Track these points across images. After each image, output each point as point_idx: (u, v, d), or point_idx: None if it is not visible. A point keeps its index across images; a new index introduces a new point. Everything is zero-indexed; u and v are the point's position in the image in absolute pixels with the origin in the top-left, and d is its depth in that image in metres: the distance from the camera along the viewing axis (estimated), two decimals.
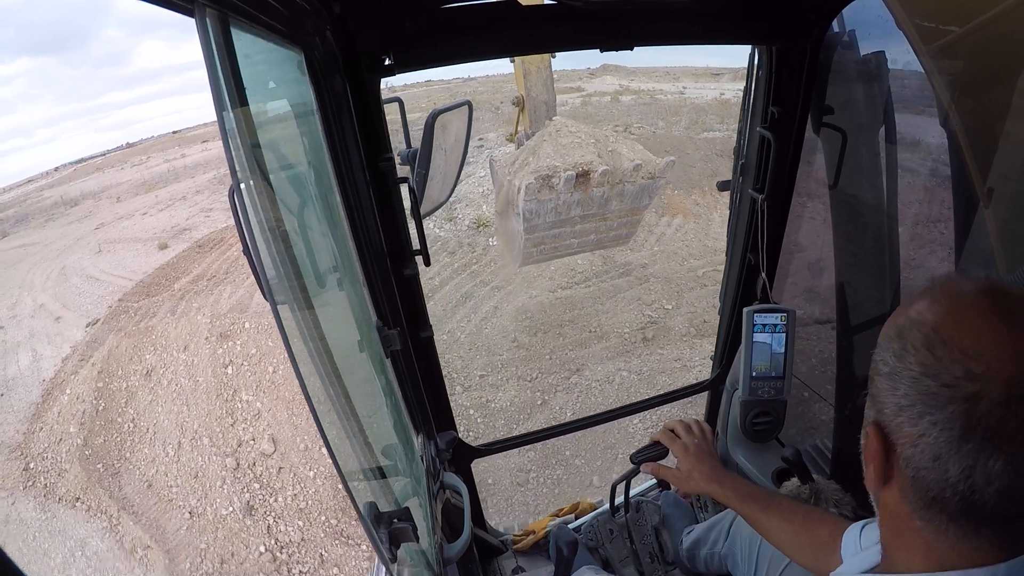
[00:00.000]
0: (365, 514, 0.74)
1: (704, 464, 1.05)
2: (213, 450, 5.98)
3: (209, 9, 0.50)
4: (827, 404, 1.62)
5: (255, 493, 5.47)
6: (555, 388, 6.43)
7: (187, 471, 5.92)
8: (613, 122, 16.99)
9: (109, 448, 6.47)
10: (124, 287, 12.00)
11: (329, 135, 0.92)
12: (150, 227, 16.96)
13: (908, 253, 1.32)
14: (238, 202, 0.52)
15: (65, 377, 8.36)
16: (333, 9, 0.89)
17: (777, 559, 1.15)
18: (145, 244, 15.13)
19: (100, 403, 6.87)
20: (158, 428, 6.48)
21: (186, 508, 5.60)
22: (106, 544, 5.44)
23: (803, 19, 1.18)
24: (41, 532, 5.79)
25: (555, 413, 6.05)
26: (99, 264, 14.14)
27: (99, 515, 5.75)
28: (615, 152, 6.46)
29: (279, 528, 5.11)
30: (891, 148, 1.26)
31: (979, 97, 1.03)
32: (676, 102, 19.97)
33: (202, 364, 6.80)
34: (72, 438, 6.63)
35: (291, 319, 0.60)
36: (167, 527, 5.47)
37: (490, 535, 1.80)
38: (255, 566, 4.89)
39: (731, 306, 1.67)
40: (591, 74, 33.75)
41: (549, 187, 5.93)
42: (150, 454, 6.28)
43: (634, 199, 6.45)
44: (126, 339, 7.69)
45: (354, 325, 0.96)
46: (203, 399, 6.49)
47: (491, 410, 6.18)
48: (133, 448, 6.43)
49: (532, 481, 5.09)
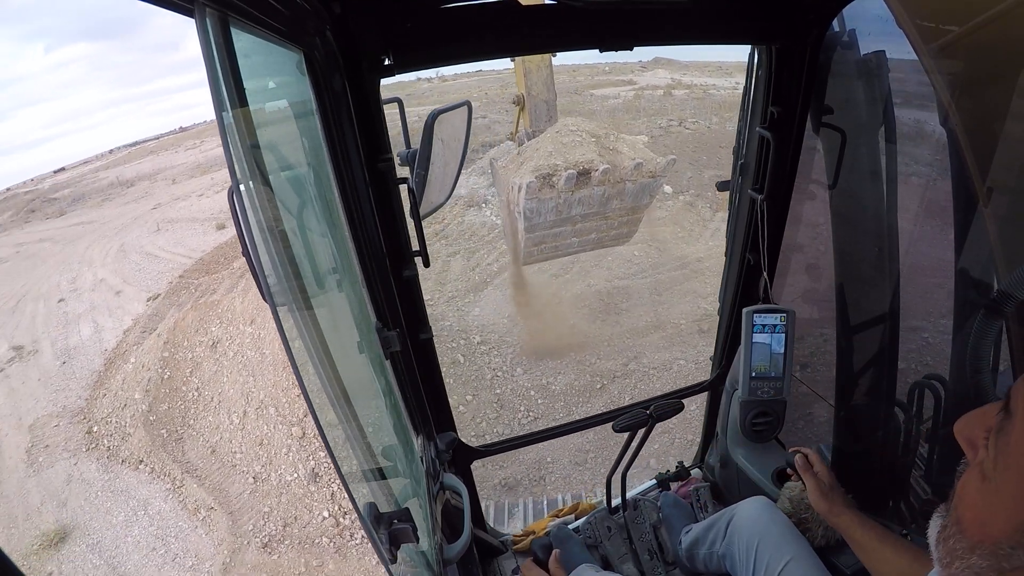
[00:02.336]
0: (365, 515, 0.73)
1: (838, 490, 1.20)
2: (279, 419, 6.10)
3: (209, 9, 0.49)
4: (827, 404, 1.62)
5: (320, 461, 5.58)
6: (613, 374, 6.56)
7: (252, 439, 6.05)
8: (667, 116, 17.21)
9: (173, 415, 6.69)
10: (183, 264, 12.56)
11: (329, 135, 0.92)
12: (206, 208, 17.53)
13: (908, 253, 1.32)
14: (237, 203, 0.52)
15: (128, 347, 8.68)
16: (333, 9, 0.89)
17: (776, 559, 1.15)
18: (202, 224, 15.71)
19: (165, 372, 7.11)
20: (223, 397, 6.65)
21: (250, 474, 5.74)
22: (169, 505, 5.65)
23: (803, 19, 1.18)
24: (104, 491, 6.00)
25: (613, 398, 6.17)
26: (157, 242, 14.77)
27: (162, 477, 5.97)
28: (615, 151, 6.46)
29: (343, 495, 5.20)
30: (891, 148, 1.26)
31: (979, 97, 1.03)
32: (729, 97, 19.75)
33: (269, 337, 6.98)
34: (137, 404, 6.88)
35: (291, 320, 0.60)
36: (230, 491, 5.64)
37: (490, 535, 1.80)
38: (318, 530, 5.02)
39: (731, 306, 1.67)
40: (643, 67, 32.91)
41: (550, 186, 5.93)
42: (214, 422, 6.46)
43: (635, 198, 6.45)
44: (192, 312, 7.94)
45: (354, 326, 0.95)
46: (269, 370, 6.65)
47: (551, 392, 6.31)
48: (197, 415, 6.63)
49: (591, 461, 5.24)
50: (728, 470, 1.72)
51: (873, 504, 1.36)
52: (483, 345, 7.24)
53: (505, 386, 6.53)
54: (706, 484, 1.79)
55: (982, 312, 0.99)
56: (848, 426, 1.54)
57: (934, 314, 1.39)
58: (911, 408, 1.34)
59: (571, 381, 6.42)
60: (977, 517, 0.48)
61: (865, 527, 1.08)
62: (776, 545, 1.18)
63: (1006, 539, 0.44)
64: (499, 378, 6.67)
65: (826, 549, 1.22)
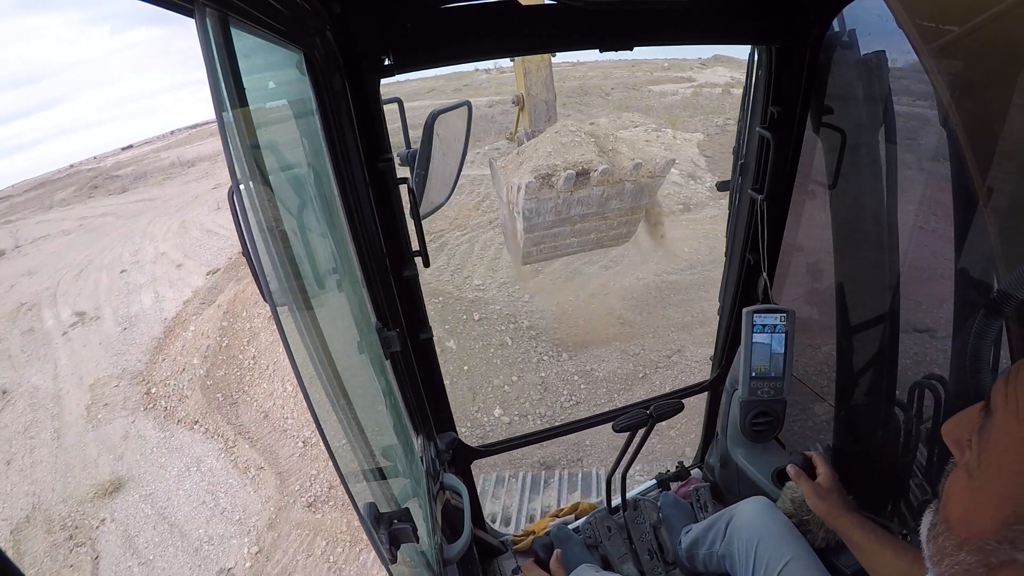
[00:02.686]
0: (365, 515, 0.73)
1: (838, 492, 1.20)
2: None
3: (209, 9, 0.49)
4: (827, 404, 1.62)
5: None
6: (656, 364, 6.64)
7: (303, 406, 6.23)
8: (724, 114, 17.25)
9: (229, 380, 6.96)
10: None
11: (329, 135, 0.92)
12: None
13: (908, 252, 1.32)
14: (237, 203, 0.52)
15: (187, 317, 9.04)
16: (333, 9, 0.89)
17: (775, 560, 1.15)
18: None
19: (223, 340, 7.38)
20: (278, 366, 6.87)
21: (300, 438, 5.94)
22: (221, 463, 5.90)
23: (803, 19, 1.18)
24: (159, 448, 6.29)
25: (655, 387, 6.24)
26: (217, 220, 15.20)
27: (216, 438, 6.23)
28: (615, 151, 6.46)
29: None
30: (891, 147, 1.26)
31: (979, 97, 1.03)
32: None
33: None
34: (195, 369, 7.16)
35: (291, 320, 0.60)
36: (280, 453, 5.84)
37: (490, 535, 1.80)
38: None
39: (731, 306, 1.67)
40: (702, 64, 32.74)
41: (549, 186, 5.93)
42: (268, 388, 6.69)
43: (634, 198, 6.45)
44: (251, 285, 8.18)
45: (354, 326, 0.95)
46: None
47: (594, 378, 6.41)
48: (252, 382, 6.87)
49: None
50: (728, 470, 1.72)
51: (873, 504, 1.36)
52: (531, 330, 7.36)
53: (550, 370, 6.63)
54: (706, 484, 1.79)
55: (982, 312, 0.99)
56: (848, 426, 1.54)
57: (934, 314, 1.39)
58: (911, 408, 1.34)
59: (614, 369, 6.52)
60: (964, 515, 0.49)
61: (864, 529, 1.08)
62: (776, 545, 1.18)
63: (992, 535, 0.45)
64: (544, 362, 6.76)
65: (826, 550, 1.22)
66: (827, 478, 1.22)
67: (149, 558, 4.92)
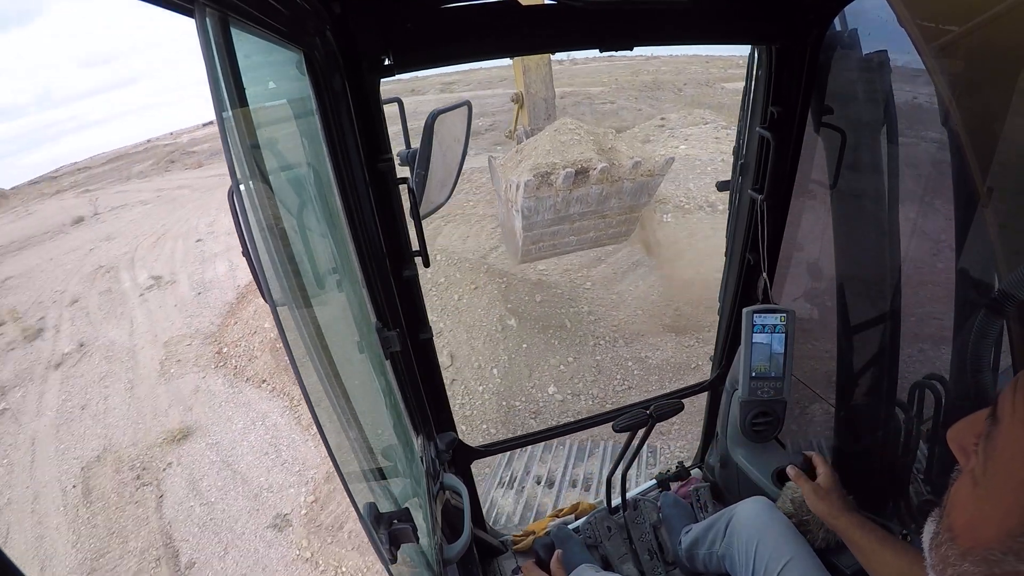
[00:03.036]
0: (365, 515, 0.73)
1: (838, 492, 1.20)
2: None
3: (209, 9, 0.49)
4: (827, 404, 1.62)
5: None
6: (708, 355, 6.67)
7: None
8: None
9: None
10: None
11: (329, 136, 0.92)
12: None
13: (908, 252, 1.32)
14: (237, 203, 0.52)
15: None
16: (333, 9, 0.89)
17: (775, 560, 1.15)
18: None
19: None
20: None
21: None
22: (285, 420, 6.15)
23: (803, 19, 1.18)
24: (227, 402, 6.60)
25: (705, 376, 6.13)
26: None
27: (282, 396, 6.49)
28: (614, 149, 6.46)
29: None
30: (892, 147, 1.26)
31: (979, 97, 1.03)
32: None
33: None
34: (266, 332, 7.47)
35: (291, 320, 0.59)
36: None
37: (490, 535, 1.80)
38: None
39: (731, 306, 1.67)
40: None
41: (548, 184, 5.93)
42: None
43: (633, 197, 6.45)
44: None
45: (354, 326, 0.95)
46: None
47: (648, 366, 6.46)
48: None
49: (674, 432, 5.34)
50: (728, 470, 1.72)
51: (873, 504, 1.36)
52: (591, 315, 7.43)
53: (605, 354, 6.68)
54: (706, 484, 1.79)
55: (982, 312, 0.99)
56: (848, 426, 1.54)
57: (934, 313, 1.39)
58: (911, 408, 1.34)
59: (668, 357, 6.57)
60: (968, 523, 0.48)
61: (864, 529, 1.08)
62: (776, 545, 1.18)
63: (997, 545, 0.44)
64: (600, 346, 6.83)
65: (826, 550, 1.22)
66: (827, 478, 1.22)
67: (211, 500, 5.15)
